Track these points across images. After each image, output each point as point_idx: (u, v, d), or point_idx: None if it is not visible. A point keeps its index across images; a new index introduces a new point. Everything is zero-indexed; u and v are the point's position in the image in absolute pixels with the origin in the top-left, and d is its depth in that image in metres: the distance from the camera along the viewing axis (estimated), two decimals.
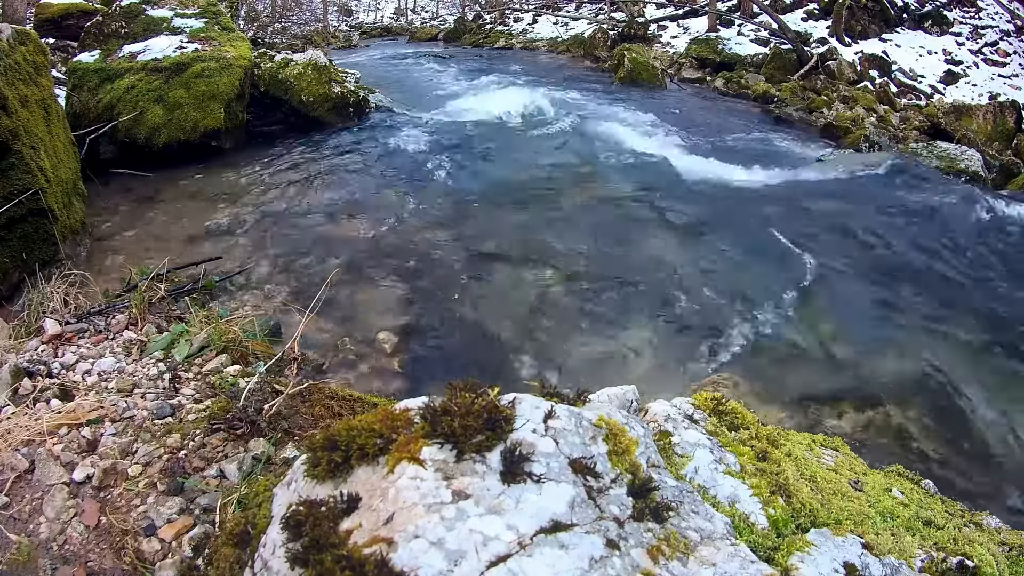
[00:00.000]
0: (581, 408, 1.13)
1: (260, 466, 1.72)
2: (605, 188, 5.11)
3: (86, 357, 2.20)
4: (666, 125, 7.09)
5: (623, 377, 2.95)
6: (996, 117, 7.91)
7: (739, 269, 4.00)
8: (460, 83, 8.92)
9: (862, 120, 8.22)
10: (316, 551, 0.86)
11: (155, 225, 4.11)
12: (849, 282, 3.97)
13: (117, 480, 1.65)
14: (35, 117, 3.31)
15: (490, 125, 6.64)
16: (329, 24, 23.34)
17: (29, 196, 3.03)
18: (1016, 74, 11.18)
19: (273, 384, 2.08)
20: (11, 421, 1.77)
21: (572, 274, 3.79)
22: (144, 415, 1.89)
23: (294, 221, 4.25)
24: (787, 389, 3.02)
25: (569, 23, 16.39)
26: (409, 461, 0.92)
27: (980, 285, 4.14)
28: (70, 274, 2.95)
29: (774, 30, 11.93)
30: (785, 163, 6.31)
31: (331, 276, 3.32)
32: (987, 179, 6.12)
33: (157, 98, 5.10)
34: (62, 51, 7.60)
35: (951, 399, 3.06)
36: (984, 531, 1.39)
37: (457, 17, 20.99)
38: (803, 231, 4.61)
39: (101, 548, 1.49)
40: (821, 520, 1.23)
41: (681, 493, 1.07)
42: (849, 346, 3.37)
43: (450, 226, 4.32)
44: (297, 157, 5.49)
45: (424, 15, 27.08)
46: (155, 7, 5.89)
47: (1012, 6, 12.69)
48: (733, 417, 1.52)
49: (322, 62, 6.39)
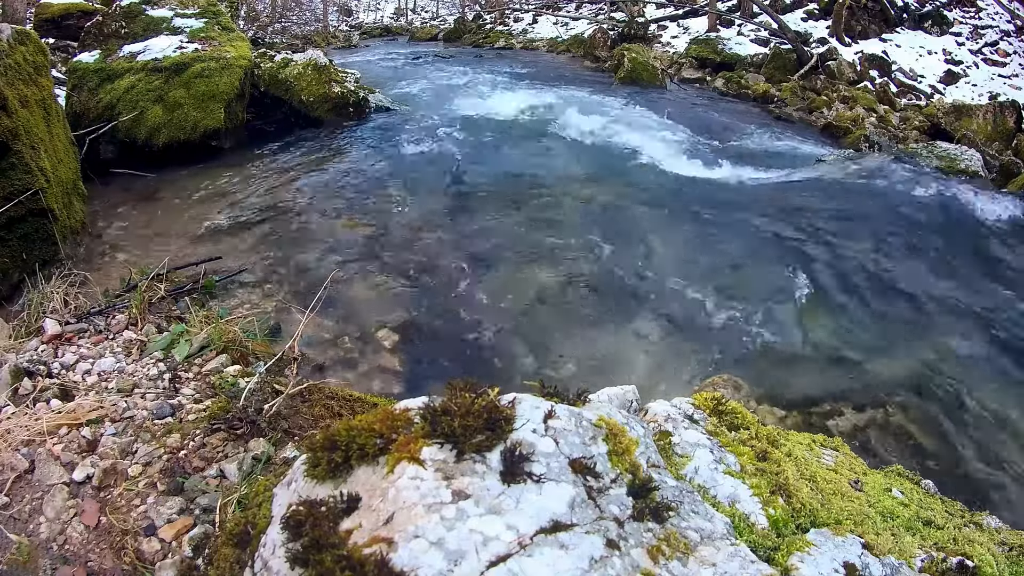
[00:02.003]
0: (581, 408, 1.13)
1: (260, 466, 1.72)
2: (605, 188, 5.11)
3: (86, 357, 2.20)
4: (666, 125, 7.09)
5: (623, 377, 2.95)
6: (996, 117, 7.91)
7: (739, 269, 4.00)
8: (460, 83, 8.91)
9: (862, 120, 8.22)
10: (316, 551, 0.86)
11: (155, 225, 4.11)
12: (849, 282, 3.97)
13: (117, 480, 1.65)
14: (35, 117, 3.31)
15: (490, 125, 6.64)
16: (329, 24, 23.33)
17: (29, 196, 3.03)
18: (1016, 74, 11.17)
19: (273, 384, 2.08)
20: (11, 421, 1.77)
21: (572, 274, 3.79)
22: (144, 415, 1.89)
23: (294, 221, 4.25)
24: (787, 389, 3.02)
25: (569, 23, 16.39)
26: (409, 461, 0.92)
27: (980, 285, 4.13)
28: (70, 274, 2.95)
29: (774, 30, 11.93)
30: (785, 163, 6.31)
31: (331, 276, 3.32)
32: (987, 179, 6.12)
33: (157, 98, 5.10)
34: (62, 51, 7.60)
35: (951, 399, 3.06)
36: (984, 531, 1.39)
37: (457, 17, 21.00)
38: (803, 231, 4.61)
39: (101, 548, 1.49)
40: (821, 520, 1.23)
41: (681, 493, 1.07)
42: (849, 346, 3.37)
43: (450, 225, 4.32)
44: (297, 157, 5.49)
45: (424, 15, 27.08)
46: (155, 7, 5.89)
47: (1012, 6, 12.69)
48: (733, 417, 1.52)
49: (322, 62, 6.39)
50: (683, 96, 9.59)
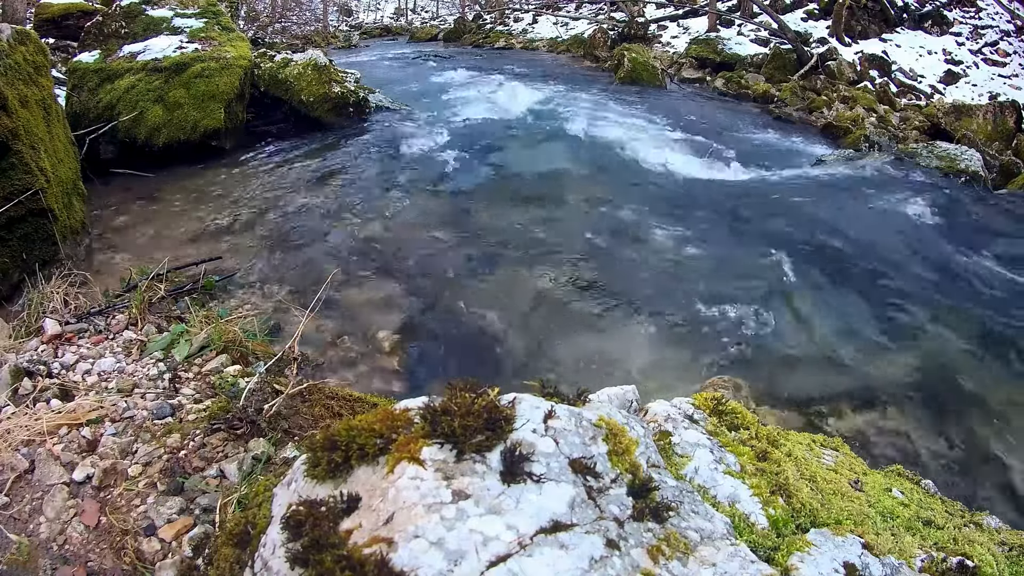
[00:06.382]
0: (581, 408, 1.13)
1: (260, 466, 1.72)
2: (605, 188, 5.11)
3: (86, 357, 2.20)
4: (666, 125, 7.09)
5: (623, 377, 2.95)
6: (996, 117, 7.90)
7: (739, 269, 4.00)
8: (460, 83, 8.91)
9: (862, 120, 8.22)
10: (316, 551, 0.86)
11: (155, 225, 4.11)
12: (849, 282, 3.96)
13: (117, 480, 1.65)
14: (35, 117, 3.31)
15: (490, 125, 6.64)
16: (329, 24, 23.34)
17: (29, 196, 3.03)
18: (1016, 74, 11.18)
19: (273, 384, 2.08)
20: (11, 421, 1.77)
21: (572, 274, 3.79)
22: (144, 415, 1.89)
23: (294, 220, 4.25)
24: (787, 389, 3.02)
25: (569, 23, 16.39)
26: (409, 461, 0.92)
27: (980, 285, 4.13)
28: (70, 274, 2.95)
29: (774, 30, 11.93)
30: (785, 163, 6.31)
31: (331, 275, 3.32)
32: (987, 179, 6.12)
33: (157, 98, 5.10)
34: (62, 51, 7.60)
35: (951, 399, 3.05)
36: (984, 531, 1.39)
37: (457, 17, 20.99)
38: (803, 231, 4.61)
39: (101, 548, 1.49)
40: (821, 520, 1.23)
41: (681, 493, 1.07)
42: (849, 346, 3.37)
43: (450, 225, 4.32)
44: (297, 157, 5.49)
45: (424, 15, 27.08)
46: (155, 7, 5.89)
47: (1012, 6, 12.69)
48: (733, 417, 1.52)
49: (322, 62, 6.39)
50: (683, 96, 9.59)
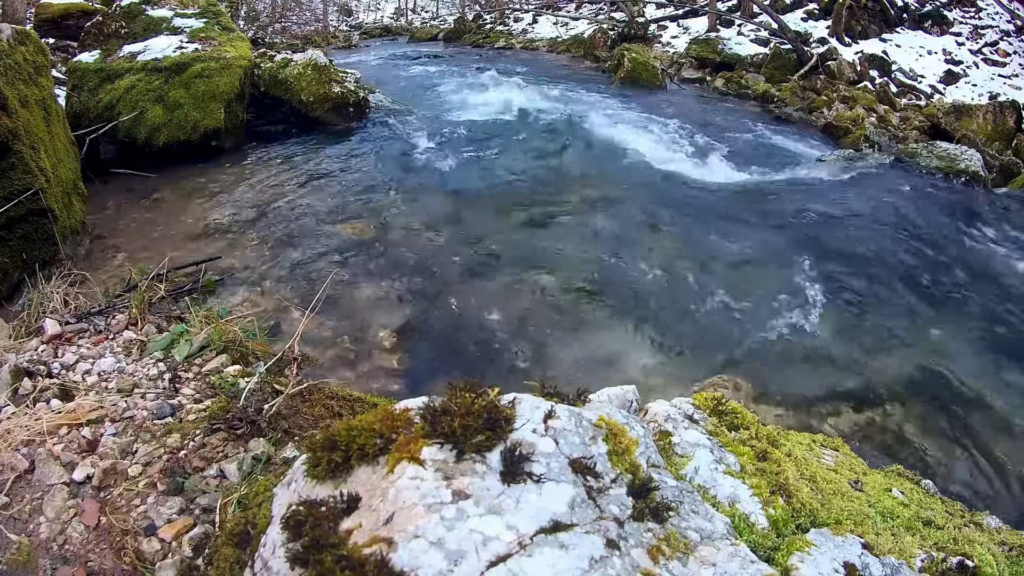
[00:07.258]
0: (581, 408, 1.13)
1: (260, 466, 1.72)
2: (605, 189, 5.11)
3: (86, 357, 2.20)
4: (666, 125, 7.09)
5: (623, 377, 2.95)
6: (996, 117, 7.91)
7: (738, 269, 4.00)
8: (460, 83, 8.91)
9: (862, 120, 8.22)
10: (316, 551, 0.86)
11: (155, 225, 4.11)
12: (848, 282, 3.97)
13: (117, 480, 1.65)
14: (35, 117, 3.30)
15: (490, 125, 6.64)
16: (329, 24, 23.34)
17: (29, 196, 3.03)
18: (1016, 74, 11.18)
19: (273, 384, 2.08)
20: (11, 421, 1.77)
21: (572, 274, 3.79)
22: (144, 415, 1.89)
23: (294, 221, 4.25)
24: (787, 389, 3.02)
25: (569, 23, 16.39)
26: (409, 461, 0.92)
27: (980, 285, 4.13)
28: (70, 274, 2.95)
29: (774, 30, 11.93)
30: (785, 163, 6.31)
31: (331, 276, 3.32)
32: (987, 179, 6.12)
33: (157, 98, 5.10)
34: (62, 51, 7.59)
35: (951, 399, 3.06)
36: (984, 531, 1.39)
37: (457, 17, 20.98)
38: (802, 232, 4.61)
39: (101, 548, 1.49)
40: (821, 520, 1.23)
41: (681, 493, 1.07)
42: (849, 346, 3.37)
43: (450, 226, 4.32)
44: (297, 157, 5.49)
45: (424, 15, 27.08)
46: (155, 7, 5.89)
47: (1012, 6, 12.69)
48: (733, 417, 1.52)
49: (322, 62, 6.39)
50: (683, 96, 9.59)
